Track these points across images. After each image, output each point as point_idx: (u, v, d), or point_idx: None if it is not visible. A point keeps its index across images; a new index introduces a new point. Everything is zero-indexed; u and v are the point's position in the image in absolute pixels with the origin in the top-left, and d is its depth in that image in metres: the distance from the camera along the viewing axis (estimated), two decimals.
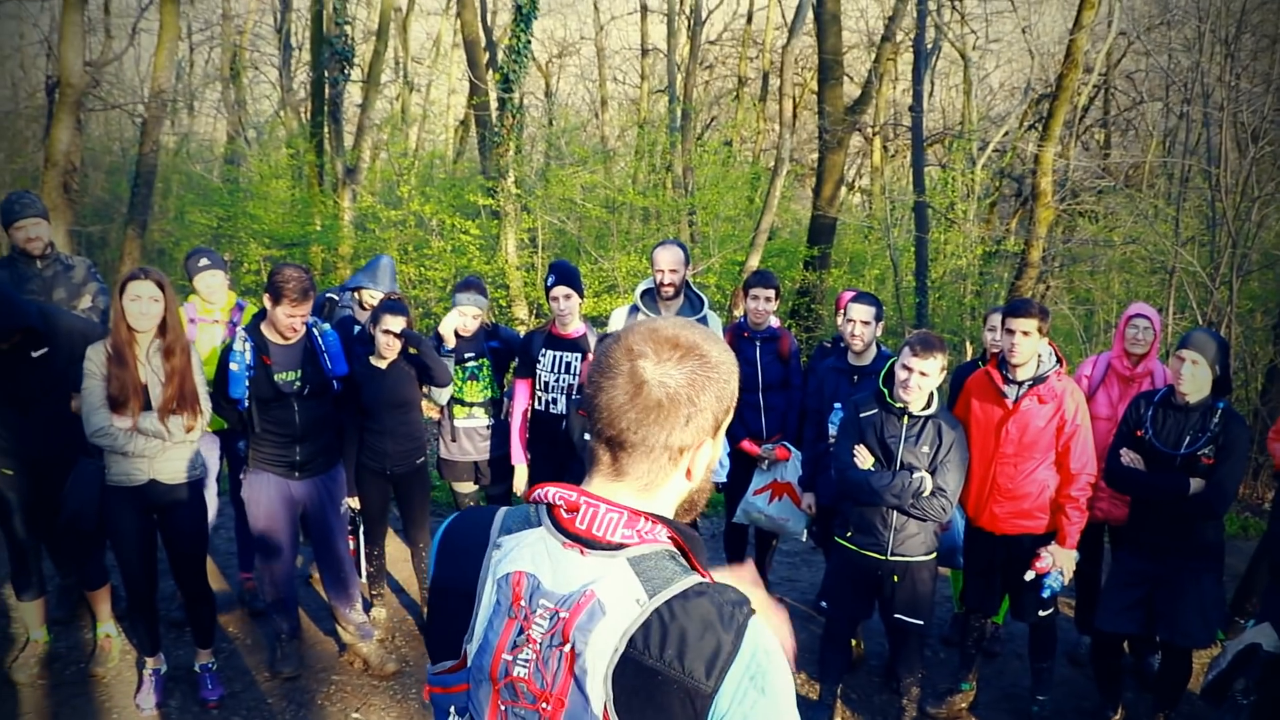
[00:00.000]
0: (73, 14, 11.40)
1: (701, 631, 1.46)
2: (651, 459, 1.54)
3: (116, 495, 4.74)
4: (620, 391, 1.52)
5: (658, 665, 1.44)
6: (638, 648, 1.45)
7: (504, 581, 1.53)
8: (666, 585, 1.49)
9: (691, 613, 1.47)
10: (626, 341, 1.56)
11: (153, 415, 4.66)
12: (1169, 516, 4.76)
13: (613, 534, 1.52)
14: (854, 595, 5.10)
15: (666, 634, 1.45)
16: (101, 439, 4.60)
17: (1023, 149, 16.71)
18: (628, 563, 1.51)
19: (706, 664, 1.44)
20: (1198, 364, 4.67)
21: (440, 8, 26.54)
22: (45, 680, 5.28)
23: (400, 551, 7.02)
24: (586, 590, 1.47)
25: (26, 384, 4.83)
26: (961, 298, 14.66)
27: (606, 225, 15.45)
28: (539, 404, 5.99)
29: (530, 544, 1.55)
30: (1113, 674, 5.23)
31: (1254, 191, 10.84)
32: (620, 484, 1.58)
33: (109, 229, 17.84)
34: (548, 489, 1.58)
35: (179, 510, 4.88)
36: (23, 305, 4.70)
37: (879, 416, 4.91)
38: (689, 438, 1.54)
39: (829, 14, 15.61)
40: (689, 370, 1.53)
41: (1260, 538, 7.31)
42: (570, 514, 1.54)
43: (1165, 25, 16.41)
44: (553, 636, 1.48)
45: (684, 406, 1.52)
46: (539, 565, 1.52)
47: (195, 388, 4.80)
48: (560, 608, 1.48)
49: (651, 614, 1.46)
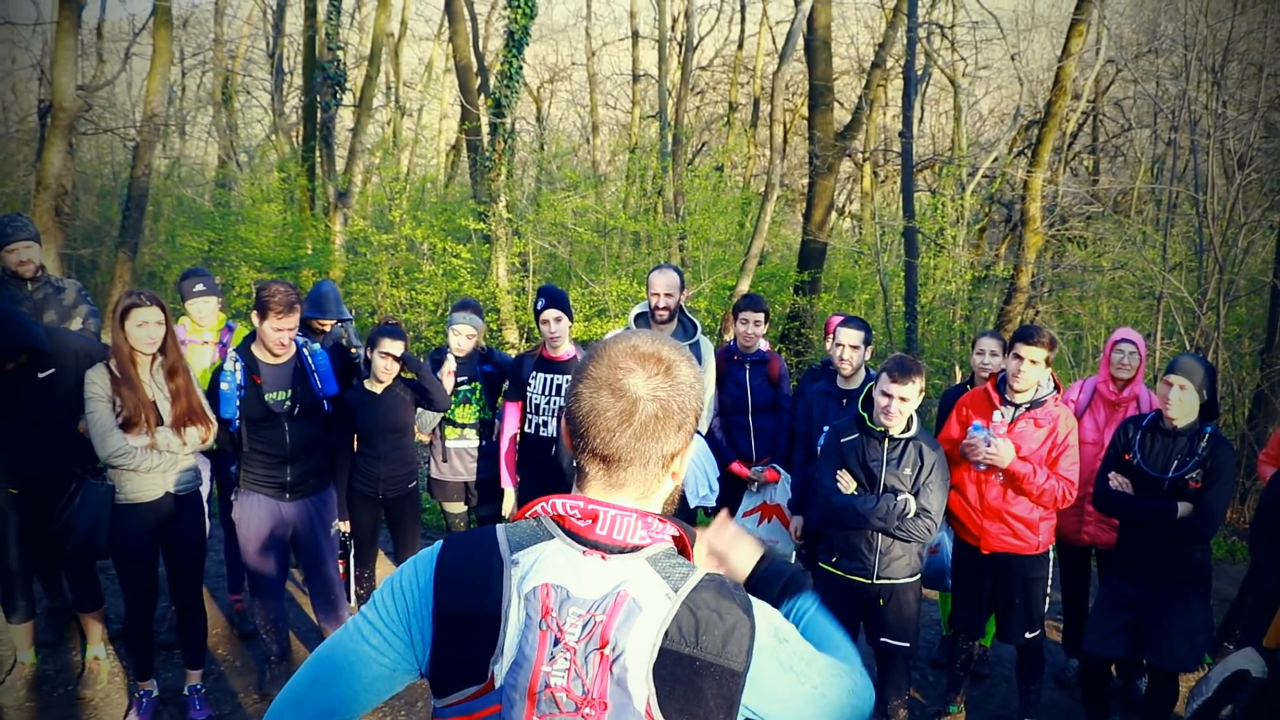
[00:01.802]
0: (66, 38, 11.42)
1: (724, 615, 1.58)
2: (649, 470, 1.62)
3: (129, 514, 4.74)
4: (612, 410, 1.58)
5: (695, 653, 1.54)
6: (673, 639, 1.53)
7: (532, 596, 1.56)
8: (685, 578, 1.58)
9: (713, 601, 1.58)
10: (611, 359, 1.61)
11: (167, 430, 4.71)
12: (1157, 540, 4.77)
13: (631, 537, 1.59)
14: (840, 620, 5.08)
15: (698, 623, 1.55)
16: (121, 459, 4.60)
17: (1012, 175, 16.79)
18: (647, 562, 1.58)
19: (737, 644, 1.56)
20: (1186, 389, 4.70)
21: (432, 33, 26.69)
22: (33, 703, 5.27)
23: (390, 573, 7.00)
24: (619, 591, 1.54)
25: (32, 404, 4.84)
26: (951, 322, 14.69)
27: (597, 250, 15.49)
28: (529, 426, 6.01)
29: (550, 556, 1.59)
30: (1100, 697, 5.24)
31: (1240, 218, 10.90)
32: (617, 494, 1.63)
33: (100, 252, 17.85)
34: (554, 501, 1.62)
35: (184, 521, 4.91)
36: (29, 325, 4.72)
37: (860, 440, 4.93)
38: (680, 444, 1.63)
39: (819, 40, 15.70)
40: (673, 381, 1.60)
41: (1250, 562, 7.32)
42: (585, 522, 1.60)
43: (1153, 53, 16.51)
44: (590, 641, 1.52)
45: (675, 416, 1.60)
46: (564, 576, 1.56)
47: (200, 400, 4.87)
48: (594, 612, 1.53)
49: (681, 606, 1.55)
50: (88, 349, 4.99)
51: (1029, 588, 5.12)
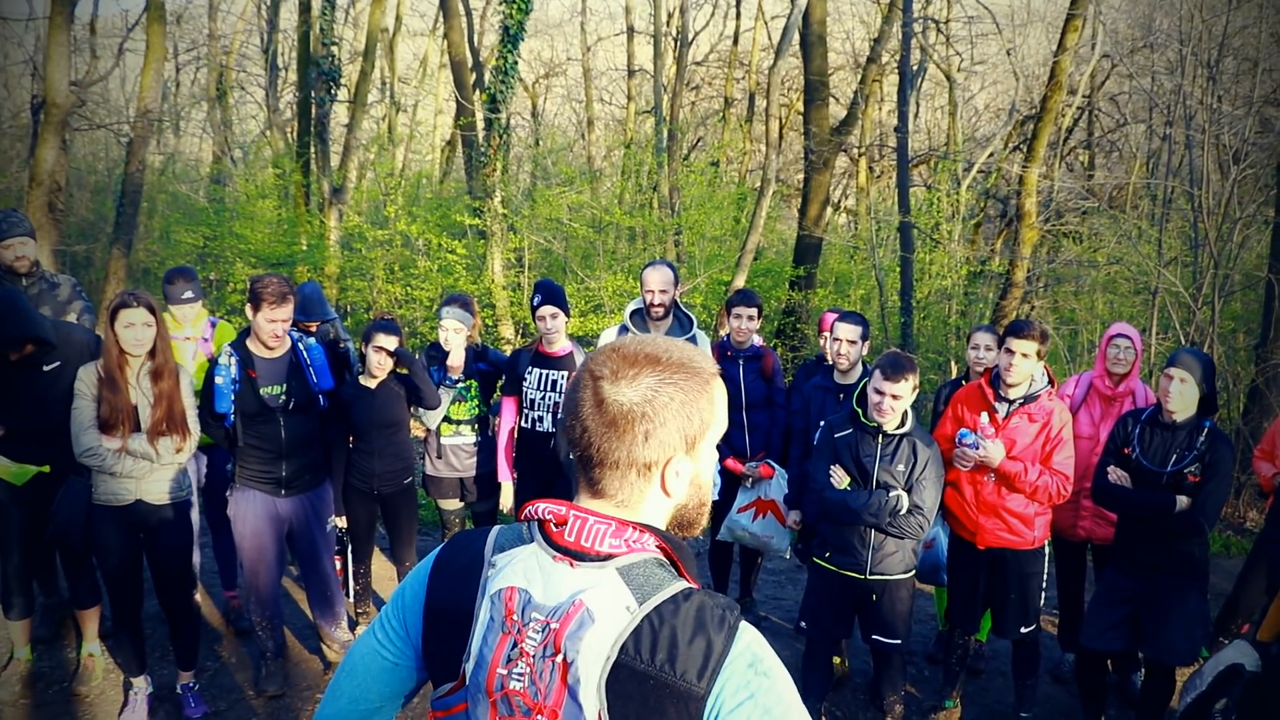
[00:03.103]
0: (59, 34, 11.38)
1: (692, 635, 1.48)
2: (620, 475, 1.56)
3: (103, 514, 4.74)
4: (586, 411, 1.55)
5: (649, 670, 1.46)
6: (629, 653, 1.46)
7: (497, 598, 1.54)
8: (656, 591, 1.51)
9: (682, 617, 1.49)
10: (590, 362, 1.59)
11: (141, 437, 4.69)
12: (1155, 534, 4.77)
13: (600, 544, 1.54)
14: (833, 615, 5.10)
15: (657, 639, 1.47)
16: (90, 459, 4.62)
17: (1007, 170, 16.82)
18: (617, 572, 1.52)
19: (699, 667, 1.46)
20: (1185, 382, 4.69)
21: (427, 29, 26.66)
22: (28, 699, 5.26)
23: (386, 570, 7.01)
24: (575, 600, 1.49)
25: (38, 397, 4.85)
26: (946, 317, 14.71)
27: (593, 245, 15.47)
28: (525, 422, 6.00)
29: (522, 559, 1.57)
30: (1096, 691, 5.24)
31: (1235, 213, 10.91)
32: (601, 501, 1.60)
33: (94, 248, 17.79)
34: (538, 505, 1.60)
35: (164, 530, 4.87)
36: (35, 316, 4.73)
37: (854, 436, 4.93)
38: (652, 453, 1.54)
39: (815, 36, 15.70)
40: (645, 387, 1.53)
41: (1245, 556, 7.33)
42: (559, 527, 1.57)
43: (1148, 48, 16.54)
44: (545, 648, 1.49)
45: (639, 423, 1.52)
46: (530, 579, 1.54)
47: (184, 409, 4.83)
48: (551, 619, 1.49)
49: (642, 620, 1.48)
50: (93, 344, 5.00)
51: (1025, 583, 5.11)
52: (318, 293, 6.49)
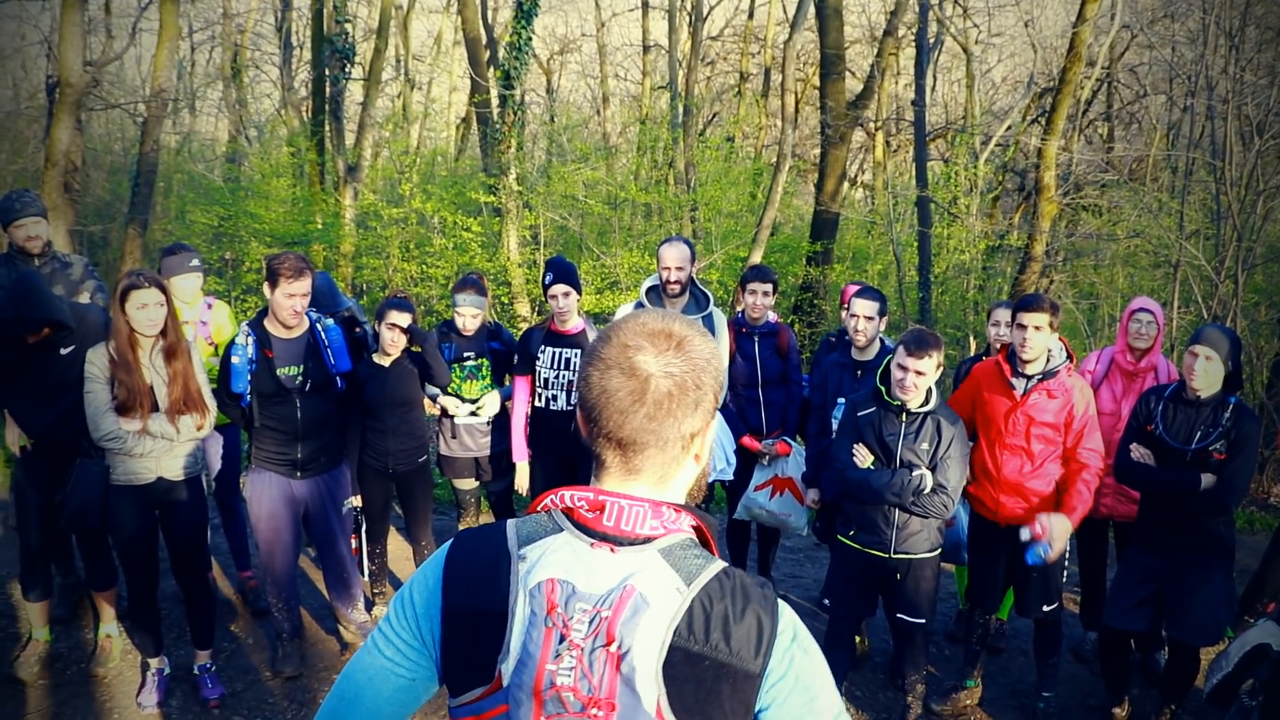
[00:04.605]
0: (73, 14, 11.36)
1: (742, 612, 1.50)
2: (666, 452, 1.54)
3: (122, 494, 4.73)
4: (624, 391, 1.50)
5: (705, 650, 1.46)
6: (683, 636, 1.46)
7: (536, 591, 1.50)
8: (700, 571, 1.51)
9: (729, 595, 1.50)
10: (620, 339, 1.55)
11: (161, 417, 4.68)
12: (1179, 512, 4.72)
13: (641, 527, 1.52)
14: (857, 594, 5.06)
15: (710, 619, 1.47)
16: (111, 443, 4.60)
17: (1026, 143, 16.68)
18: (659, 554, 1.51)
19: (754, 645, 1.49)
20: (1211, 359, 4.63)
21: (441, 5, 26.53)
22: (46, 680, 5.27)
23: (402, 550, 7.00)
24: (626, 585, 1.47)
25: (55, 380, 4.84)
26: (965, 292, 14.61)
27: (608, 222, 15.44)
28: (539, 400, 5.95)
29: (557, 549, 1.53)
30: (1119, 670, 5.20)
31: (1259, 184, 10.79)
32: (634, 481, 1.56)
33: (110, 228, 17.82)
34: (562, 493, 1.57)
35: (181, 506, 4.88)
36: (54, 299, 4.70)
37: (877, 414, 4.85)
38: (699, 422, 1.55)
39: (830, 9, 15.57)
40: (686, 357, 1.52)
41: (1270, 532, 7.26)
42: (593, 513, 1.54)
43: (1169, 18, 16.36)
44: (596, 638, 1.46)
45: (691, 392, 1.52)
46: (570, 570, 1.50)
47: (199, 386, 4.82)
48: (600, 608, 1.47)
49: (693, 601, 1.48)
50: (108, 324, 4.98)
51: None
52: (329, 284, 6.43)
